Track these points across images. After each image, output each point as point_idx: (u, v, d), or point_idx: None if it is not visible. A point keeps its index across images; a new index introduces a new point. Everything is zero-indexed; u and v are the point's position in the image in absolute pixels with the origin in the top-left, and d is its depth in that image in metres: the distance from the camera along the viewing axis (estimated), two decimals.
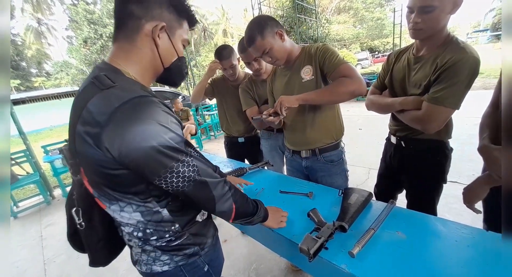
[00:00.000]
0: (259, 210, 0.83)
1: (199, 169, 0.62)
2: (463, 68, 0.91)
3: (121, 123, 0.51)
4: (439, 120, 0.99)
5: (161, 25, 0.63)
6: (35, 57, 26.52)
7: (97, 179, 0.60)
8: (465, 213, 2.00)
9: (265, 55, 1.18)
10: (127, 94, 0.54)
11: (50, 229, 2.90)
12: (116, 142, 0.51)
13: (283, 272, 1.72)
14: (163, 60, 0.67)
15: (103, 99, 0.53)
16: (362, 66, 20.27)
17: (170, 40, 0.67)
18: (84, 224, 0.68)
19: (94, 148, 0.53)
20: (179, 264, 0.72)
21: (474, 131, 4.02)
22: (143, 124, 0.52)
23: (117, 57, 0.63)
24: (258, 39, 1.13)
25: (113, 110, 0.51)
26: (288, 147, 1.46)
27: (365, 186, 2.68)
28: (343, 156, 1.37)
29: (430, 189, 1.20)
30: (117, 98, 0.52)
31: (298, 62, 1.24)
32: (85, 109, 0.54)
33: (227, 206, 0.69)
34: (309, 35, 12.54)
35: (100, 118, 0.51)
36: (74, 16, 17.88)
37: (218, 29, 26.65)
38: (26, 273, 2.18)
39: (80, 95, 0.58)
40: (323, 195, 1.16)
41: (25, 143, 3.57)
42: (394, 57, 1.20)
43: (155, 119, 0.54)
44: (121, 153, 0.52)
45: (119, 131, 0.51)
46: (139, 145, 0.52)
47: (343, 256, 0.76)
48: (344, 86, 1.08)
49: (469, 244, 0.74)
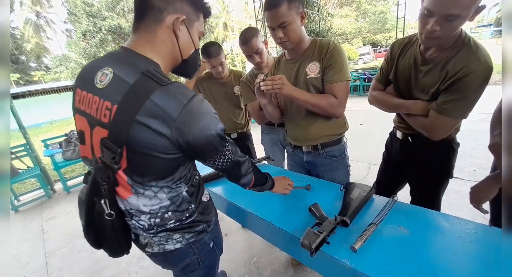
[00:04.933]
0: (268, 180, 0.99)
1: (234, 152, 0.76)
2: (475, 81, 0.86)
3: (192, 117, 0.60)
4: (445, 130, 0.98)
5: (182, 18, 0.66)
6: (34, 51, 26.30)
7: (144, 165, 0.65)
8: (465, 209, 2.01)
9: (280, 28, 1.08)
10: (187, 92, 0.62)
11: (51, 222, 2.92)
12: (187, 131, 0.60)
13: (283, 266, 1.73)
14: (182, 52, 0.72)
15: (169, 96, 0.59)
16: (364, 61, 20.09)
17: (189, 32, 0.71)
18: (114, 213, 0.69)
19: (159, 136, 0.59)
20: (190, 241, 0.79)
21: (476, 127, 4.00)
22: (206, 117, 0.63)
23: (142, 46, 0.67)
24: (284, 5, 1.02)
25: (184, 107, 0.59)
26: (290, 141, 1.44)
27: (365, 181, 2.68)
28: (345, 151, 1.35)
29: (437, 183, 1.19)
30: (183, 96, 0.60)
31: (306, 55, 1.19)
32: (149, 101, 0.58)
33: (249, 178, 0.87)
34: (311, 29, 12.37)
35: (173, 113, 0.58)
36: (72, 9, 17.66)
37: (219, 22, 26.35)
38: (27, 266, 2.20)
39: (136, 87, 0.60)
40: (324, 189, 1.15)
41: (25, 137, 3.56)
42: (398, 50, 1.11)
43: (211, 113, 0.65)
44: (192, 139, 0.62)
45: (190, 123, 0.60)
46: (206, 133, 0.63)
47: (345, 251, 0.76)
48: (328, 107, 1.15)
49: (472, 239, 0.74)
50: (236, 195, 1.22)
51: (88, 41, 17.66)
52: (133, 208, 0.71)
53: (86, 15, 16.76)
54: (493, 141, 0.84)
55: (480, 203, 0.90)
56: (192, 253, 0.82)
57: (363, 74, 8.64)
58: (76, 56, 19.53)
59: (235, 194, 1.24)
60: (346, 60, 1.15)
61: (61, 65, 22.01)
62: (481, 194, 0.90)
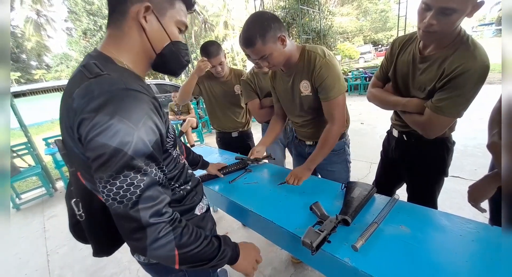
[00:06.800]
0: (221, 252, 0.64)
1: (141, 187, 0.51)
2: (470, 79, 0.86)
3: (94, 113, 0.48)
4: (439, 128, 0.98)
5: (145, 5, 0.58)
6: (35, 50, 26.27)
7: (83, 171, 0.58)
8: (466, 208, 2.00)
9: (262, 59, 1.09)
10: (111, 86, 0.50)
11: (53, 220, 2.93)
12: (83, 130, 0.49)
13: (284, 264, 1.73)
14: (153, 45, 0.63)
15: (86, 88, 0.50)
16: (365, 59, 20.01)
17: (160, 22, 0.61)
18: (84, 215, 0.65)
19: (72, 139, 0.52)
20: None
21: (477, 126, 4.00)
22: (119, 123, 0.48)
23: (109, 44, 0.61)
24: (259, 43, 1.02)
25: (89, 98, 0.49)
26: (295, 134, 1.52)
27: (366, 180, 2.67)
28: (345, 146, 1.39)
29: (431, 182, 1.19)
30: (99, 88, 0.50)
31: (298, 70, 1.19)
32: (70, 98, 0.51)
33: (164, 250, 0.54)
34: (312, 27, 12.33)
35: (79, 107, 0.49)
36: (73, 7, 17.64)
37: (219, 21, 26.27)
38: (29, 264, 2.21)
39: (69, 85, 0.56)
40: (325, 188, 1.15)
41: (26, 135, 3.56)
42: (398, 47, 1.11)
43: (134, 121, 0.49)
44: (86, 143, 0.49)
45: (92, 122, 0.47)
46: (102, 140, 0.47)
47: (346, 250, 0.76)
48: (334, 139, 1.22)
49: (474, 239, 0.74)
50: (236, 194, 1.22)
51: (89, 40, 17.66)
52: None
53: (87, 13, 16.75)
54: (491, 140, 0.84)
55: (478, 202, 0.90)
56: (178, 269, 0.69)
57: (363, 73, 8.61)
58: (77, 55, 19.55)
59: (236, 192, 1.24)
60: (337, 73, 1.12)
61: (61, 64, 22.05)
62: (479, 193, 0.90)
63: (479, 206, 0.91)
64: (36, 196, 3.57)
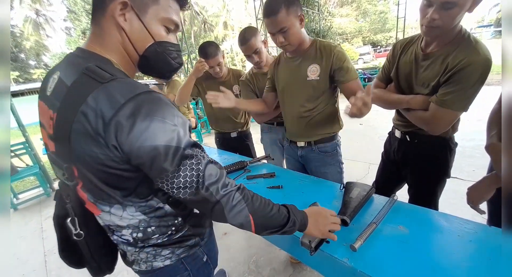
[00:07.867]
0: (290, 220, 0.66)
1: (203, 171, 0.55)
2: (474, 72, 0.87)
3: (130, 121, 0.47)
4: (445, 123, 0.98)
5: (119, 1, 0.53)
6: (34, 49, 26.19)
7: (96, 181, 0.55)
8: (465, 209, 1.99)
9: (280, 33, 1.08)
10: (131, 89, 0.49)
11: (50, 220, 2.88)
12: (123, 139, 0.48)
13: (283, 265, 1.73)
14: (134, 45, 0.58)
15: (106, 94, 0.48)
16: (364, 61, 20.06)
17: (141, 20, 0.56)
18: (84, 232, 0.62)
19: (99, 146, 0.49)
20: (180, 257, 0.70)
21: (476, 127, 3.99)
22: (152, 123, 0.49)
23: (93, 43, 0.57)
24: (283, 12, 1.02)
25: (120, 108, 0.47)
26: (286, 136, 1.49)
27: (365, 181, 2.67)
28: (337, 148, 1.39)
29: (434, 183, 1.19)
30: (121, 95, 0.48)
31: (307, 55, 1.20)
32: (85, 104, 0.48)
33: (242, 217, 0.59)
34: (311, 28, 12.34)
35: (107, 115, 0.47)
36: (72, 6, 17.64)
37: (219, 21, 26.27)
38: (26, 264, 2.20)
39: (72, 90, 0.51)
40: (324, 189, 1.15)
41: (24, 135, 3.55)
42: (400, 49, 1.13)
43: (164, 118, 0.50)
44: (129, 149, 0.49)
45: (127, 128, 0.47)
46: (147, 143, 0.48)
47: (345, 250, 0.76)
48: None
49: (472, 239, 0.74)
50: None
51: None
52: (112, 224, 0.63)
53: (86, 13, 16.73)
54: (490, 142, 0.84)
55: (477, 204, 0.90)
56: (183, 269, 0.72)
57: (363, 74, 8.62)
58: None
59: None
60: (350, 60, 1.17)
61: None
62: (478, 195, 0.90)
63: (478, 208, 0.91)
64: (33, 196, 3.54)
